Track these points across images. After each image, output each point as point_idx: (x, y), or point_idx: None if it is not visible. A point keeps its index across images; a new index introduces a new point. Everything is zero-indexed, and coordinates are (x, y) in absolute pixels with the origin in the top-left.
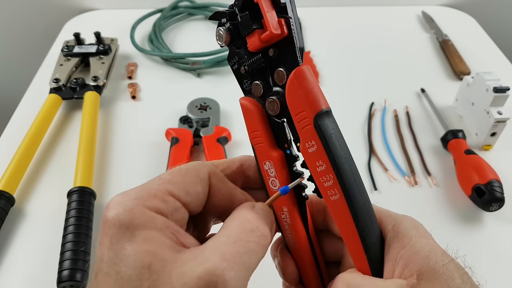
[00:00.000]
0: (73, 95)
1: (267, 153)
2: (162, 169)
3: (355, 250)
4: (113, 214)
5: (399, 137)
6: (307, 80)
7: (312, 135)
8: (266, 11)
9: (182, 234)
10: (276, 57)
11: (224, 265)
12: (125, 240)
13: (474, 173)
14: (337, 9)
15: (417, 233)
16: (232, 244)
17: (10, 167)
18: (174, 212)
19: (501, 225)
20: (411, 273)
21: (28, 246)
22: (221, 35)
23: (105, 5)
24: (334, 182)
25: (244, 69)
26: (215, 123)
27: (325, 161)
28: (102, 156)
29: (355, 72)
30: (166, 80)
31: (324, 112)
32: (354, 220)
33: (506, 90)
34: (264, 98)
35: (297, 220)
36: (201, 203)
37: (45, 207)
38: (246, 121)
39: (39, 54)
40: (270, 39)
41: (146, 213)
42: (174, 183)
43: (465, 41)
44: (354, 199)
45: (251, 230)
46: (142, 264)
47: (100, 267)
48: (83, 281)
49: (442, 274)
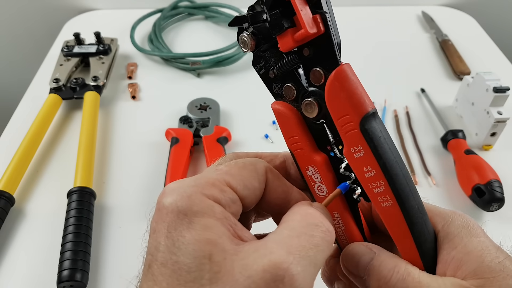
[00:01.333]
0: (73, 95)
1: (309, 158)
2: (162, 169)
3: (409, 254)
4: (170, 200)
5: (399, 137)
6: (349, 81)
7: (358, 140)
8: (299, 8)
9: (239, 228)
10: (311, 56)
11: (290, 258)
12: (184, 227)
13: (474, 173)
14: (337, 9)
15: (468, 232)
16: (297, 237)
17: (10, 167)
18: (232, 204)
19: (501, 225)
20: (465, 274)
21: (28, 246)
22: (246, 42)
23: (105, 5)
24: (386, 189)
25: (273, 73)
26: (215, 123)
27: (375, 167)
28: (102, 156)
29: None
30: (166, 80)
31: (370, 115)
32: (409, 227)
33: (506, 90)
34: (298, 100)
35: (351, 225)
36: (256, 198)
37: (45, 207)
38: (281, 127)
39: (39, 54)
40: (305, 38)
41: (205, 201)
42: (232, 175)
43: (465, 41)
44: (408, 205)
45: (315, 224)
46: (202, 254)
47: (155, 257)
48: (83, 281)
49: (499, 271)
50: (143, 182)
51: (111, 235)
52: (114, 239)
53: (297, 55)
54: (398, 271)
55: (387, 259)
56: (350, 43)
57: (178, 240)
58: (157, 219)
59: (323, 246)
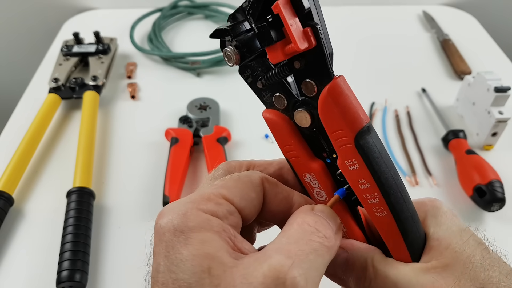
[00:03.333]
0: (72, 94)
1: (305, 165)
2: (162, 169)
3: (403, 259)
4: (166, 220)
5: (400, 137)
6: (343, 96)
7: (353, 154)
8: (289, 23)
9: (239, 240)
10: (303, 68)
11: (290, 262)
12: (181, 244)
13: (475, 173)
14: (337, 9)
15: (437, 222)
16: (295, 243)
17: (9, 167)
18: (229, 215)
19: (502, 225)
20: (432, 258)
21: (27, 247)
22: (230, 57)
23: (105, 4)
24: (380, 201)
25: (261, 83)
26: (215, 123)
27: (369, 180)
28: (102, 156)
29: (356, 72)
30: (166, 79)
31: (365, 129)
32: (402, 236)
33: (507, 90)
34: (289, 109)
35: (353, 227)
36: (255, 209)
37: (44, 207)
38: (275, 136)
39: (38, 53)
40: (295, 52)
41: (201, 215)
42: (227, 188)
43: (466, 41)
44: (402, 216)
45: (311, 231)
46: (201, 269)
47: (156, 279)
48: (82, 282)
49: (463, 251)
50: (143, 182)
51: (111, 235)
52: (113, 240)
53: (288, 66)
54: (370, 269)
55: (358, 258)
56: (351, 43)
57: (176, 258)
58: (156, 241)
59: (322, 251)
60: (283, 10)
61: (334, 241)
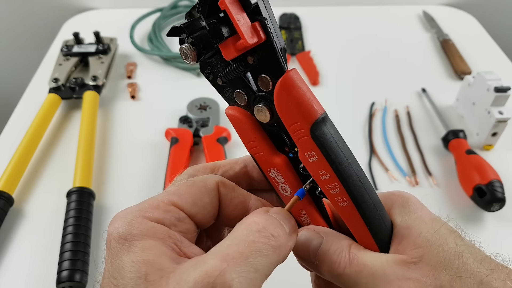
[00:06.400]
0: (72, 94)
1: (269, 160)
2: (162, 169)
3: (368, 246)
4: (112, 228)
5: (400, 137)
6: (296, 89)
7: (311, 146)
8: (236, 18)
9: (186, 245)
10: (257, 63)
11: (223, 265)
12: (124, 252)
13: (475, 173)
14: (337, 9)
15: (407, 210)
16: (236, 245)
17: (9, 167)
18: (178, 222)
19: (502, 225)
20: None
21: (27, 247)
22: (187, 54)
23: (105, 4)
24: (341, 190)
25: (221, 80)
26: (214, 123)
27: (329, 170)
28: (102, 156)
29: (356, 72)
30: (166, 79)
31: (320, 121)
32: (366, 224)
33: (507, 90)
34: (250, 105)
35: (318, 220)
36: (210, 214)
37: (44, 207)
38: (238, 132)
39: (38, 53)
40: (246, 48)
41: (145, 223)
42: (179, 194)
43: (466, 41)
44: (364, 205)
45: (257, 230)
46: (138, 275)
47: (101, 284)
48: (82, 282)
49: (435, 240)
50: (143, 182)
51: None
52: None
53: (243, 62)
54: (345, 255)
55: (334, 243)
56: (351, 43)
57: (118, 265)
58: (106, 248)
59: (267, 251)
60: (229, 6)
61: (283, 240)
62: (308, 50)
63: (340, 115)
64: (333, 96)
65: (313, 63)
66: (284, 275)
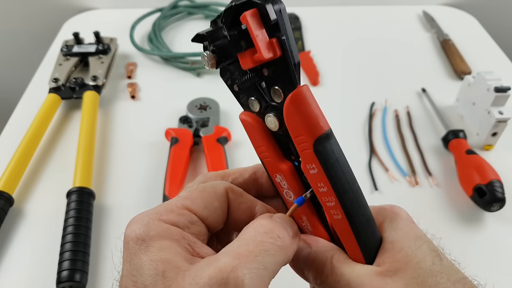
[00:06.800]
0: (72, 94)
1: (275, 166)
2: (162, 169)
3: (356, 258)
4: (130, 230)
5: (400, 137)
6: (304, 105)
7: (312, 159)
8: (255, 34)
9: (199, 245)
10: (271, 76)
11: (235, 262)
12: (142, 251)
13: (475, 173)
14: (337, 8)
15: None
16: (245, 245)
17: (9, 167)
18: (191, 225)
19: (502, 226)
20: (384, 261)
21: (27, 247)
22: (207, 61)
23: (105, 4)
24: (336, 204)
25: (237, 87)
26: (215, 123)
27: (326, 184)
28: (102, 156)
29: (356, 72)
30: (166, 79)
31: (324, 137)
32: (356, 238)
33: (507, 90)
34: (262, 112)
35: (318, 226)
36: (220, 218)
37: (44, 207)
38: (249, 136)
39: (38, 53)
40: (262, 61)
41: (161, 225)
42: (191, 199)
43: (466, 41)
44: (356, 220)
45: (264, 232)
46: (156, 272)
47: (120, 282)
48: (82, 282)
49: (414, 256)
50: (143, 182)
51: (111, 235)
52: (113, 240)
53: (258, 72)
54: (328, 265)
55: (319, 254)
56: (351, 43)
57: (136, 264)
58: (123, 250)
59: (273, 250)
60: (250, 21)
61: (288, 242)
62: (308, 50)
63: (340, 115)
64: (333, 96)
65: (313, 63)
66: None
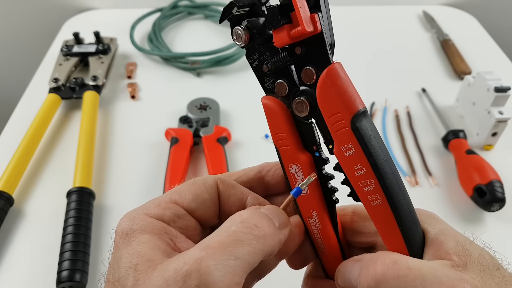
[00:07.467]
0: (72, 94)
1: (294, 156)
2: (162, 169)
3: (397, 249)
4: (118, 225)
5: (400, 137)
6: (341, 79)
7: (349, 138)
8: (299, 5)
9: (181, 240)
10: (303, 55)
11: (201, 254)
12: (124, 245)
13: (475, 173)
14: (337, 8)
15: (436, 221)
16: (217, 236)
17: (9, 167)
18: (177, 219)
19: (502, 225)
20: (445, 253)
21: (27, 247)
22: (240, 35)
23: (105, 4)
24: (376, 187)
25: (267, 67)
26: (215, 123)
27: (365, 165)
28: (102, 156)
29: (356, 72)
30: (166, 79)
31: (361, 113)
32: (398, 225)
33: (507, 90)
34: (289, 98)
35: (327, 225)
36: (210, 210)
37: (44, 207)
38: (269, 122)
39: (38, 53)
40: (300, 36)
41: (145, 219)
42: (179, 192)
43: (466, 41)
44: (398, 203)
45: (240, 222)
46: (129, 265)
47: (105, 276)
48: (82, 282)
49: (473, 250)
50: (143, 182)
51: (111, 235)
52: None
53: (289, 53)
54: (384, 261)
55: (370, 257)
56: (351, 43)
57: (116, 257)
58: (113, 244)
59: (248, 240)
60: None
61: (268, 231)
62: None
63: None
64: None
65: None
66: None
